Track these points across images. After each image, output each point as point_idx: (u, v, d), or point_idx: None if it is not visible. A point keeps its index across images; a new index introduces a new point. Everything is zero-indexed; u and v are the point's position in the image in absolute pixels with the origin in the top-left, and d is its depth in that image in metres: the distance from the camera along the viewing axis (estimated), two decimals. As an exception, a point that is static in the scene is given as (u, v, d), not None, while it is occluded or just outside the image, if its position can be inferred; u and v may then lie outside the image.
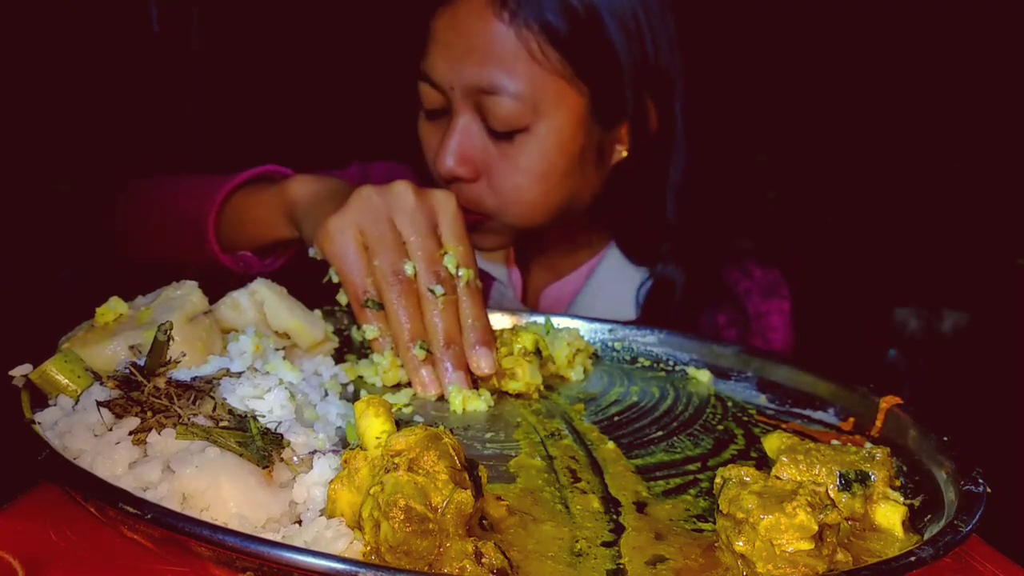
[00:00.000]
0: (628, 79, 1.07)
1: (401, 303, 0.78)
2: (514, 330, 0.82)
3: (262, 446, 0.51)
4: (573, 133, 1.05)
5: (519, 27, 1.00)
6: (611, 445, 0.67)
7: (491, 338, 0.80)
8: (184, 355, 0.61)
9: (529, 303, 1.25)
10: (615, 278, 1.22)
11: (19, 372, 0.58)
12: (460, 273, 0.80)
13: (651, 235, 1.18)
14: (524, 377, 0.78)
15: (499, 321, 0.92)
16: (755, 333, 1.20)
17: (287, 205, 0.91)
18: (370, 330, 0.79)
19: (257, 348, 0.66)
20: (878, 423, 0.71)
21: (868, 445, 0.61)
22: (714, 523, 0.53)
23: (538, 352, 0.81)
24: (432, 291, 0.78)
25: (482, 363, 0.78)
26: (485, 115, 1.03)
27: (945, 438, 0.62)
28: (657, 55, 1.08)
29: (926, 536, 0.53)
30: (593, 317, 0.95)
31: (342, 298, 0.82)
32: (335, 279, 0.80)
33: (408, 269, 0.78)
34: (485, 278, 1.21)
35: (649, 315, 1.18)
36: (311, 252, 0.82)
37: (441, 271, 0.79)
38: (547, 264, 1.25)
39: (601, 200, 1.15)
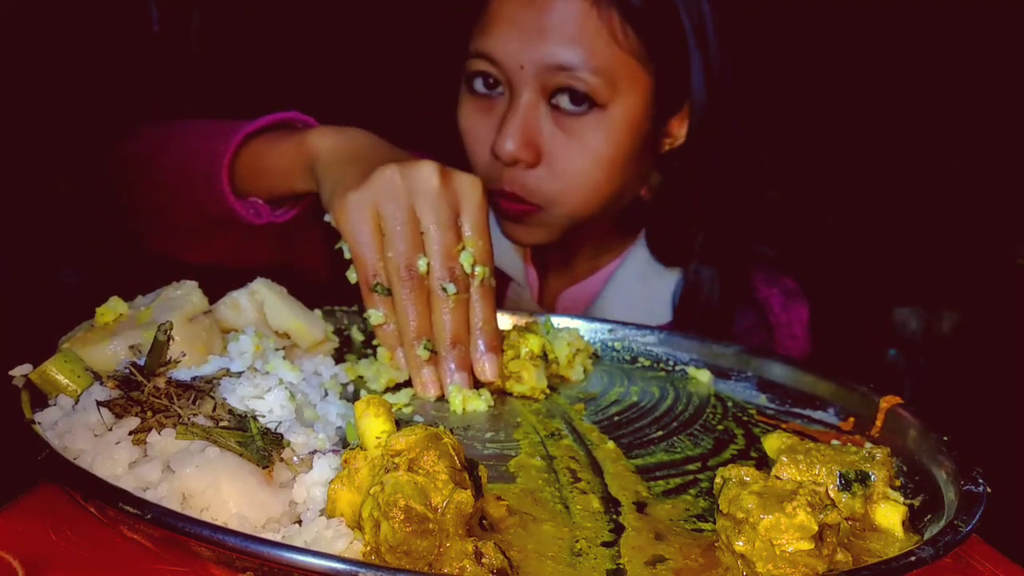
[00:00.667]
0: (694, 67, 1.07)
1: (410, 299, 0.76)
2: (520, 332, 0.82)
3: (262, 446, 0.51)
4: (641, 118, 1.04)
5: (600, 5, 1.00)
6: (611, 445, 0.67)
7: (499, 343, 0.79)
8: (184, 355, 0.61)
9: (545, 305, 1.24)
10: (635, 283, 1.20)
11: (19, 372, 0.58)
12: (476, 270, 0.78)
13: (684, 234, 1.17)
14: (530, 381, 0.78)
15: (501, 322, 0.92)
16: (777, 342, 1.20)
17: (307, 158, 0.88)
18: (375, 315, 0.78)
19: (257, 348, 0.66)
20: (878, 423, 0.71)
21: (868, 445, 0.61)
22: (714, 523, 0.53)
23: (544, 356, 0.80)
24: (444, 289, 0.76)
25: (487, 369, 0.78)
26: (557, 93, 1.01)
27: (945, 438, 0.62)
28: (717, 46, 1.08)
29: (926, 536, 0.53)
30: (595, 318, 0.95)
31: (352, 275, 0.80)
32: (347, 254, 0.79)
33: (421, 265, 0.76)
34: (501, 277, 1.19)
35: (683, 319, 1.16)
36: (326, 217, 0.81)
37: (456, 268, 0.77)
38: (567, 266, 1.23)
39: (638, 196, 1.14)
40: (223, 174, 0.93)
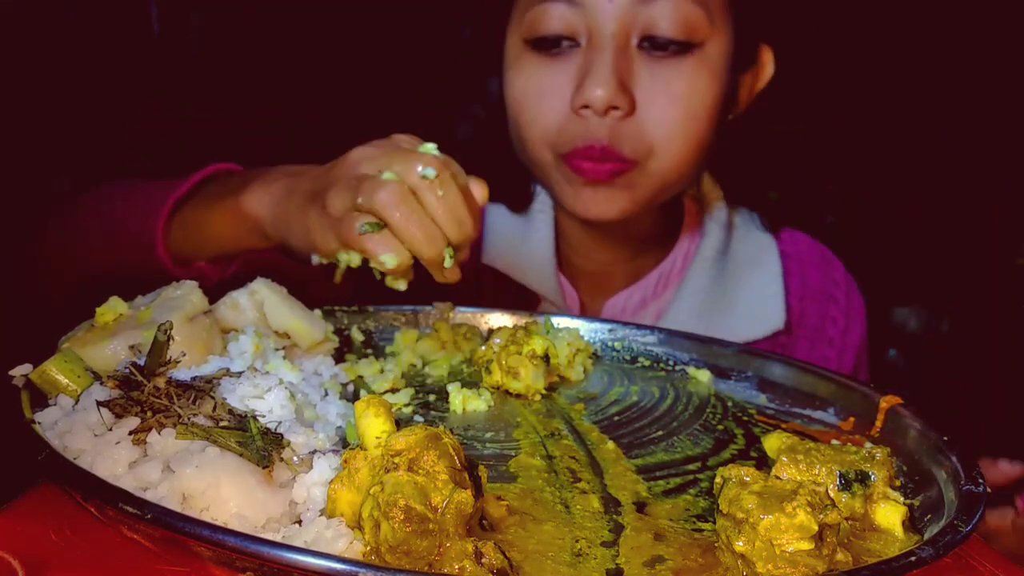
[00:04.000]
0: (770, 16, 0.99)
1: (402, 210, 0.70)
2: (527, 330, 0.81)
3: (262, 446, 0.51)
4: (726, 65, 0.95)
5: None
6: (611, 445, 0.67)
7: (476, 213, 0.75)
8: (184, 355, 0.61)
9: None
10: (713, 286, 1.10)
11: (19, 372, 0.58)
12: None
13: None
14: (526, 379, 0.77)
15: (502, 320, 0.92)
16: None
17: (251, 223, 0.83)
18: (389, 258, 0.72)
19: (257, 348, 0.66)
20: (878, 423, 0.71)
21: (868, 445, 0.61)
22: (714, 523, 0.53)
23: (547, 359, 0.80)
24: (424, 176, 0.71)
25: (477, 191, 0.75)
26: (650, 29, 0.91)
27: (945, 438, 0.62)
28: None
29: (926, 536, 0.53)
30: (595, 318, 0.95)
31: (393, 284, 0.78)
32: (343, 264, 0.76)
33: (388, 176, 0.71)
34: (530, 296, 1.11)
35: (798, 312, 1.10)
36: (314, 260, 0.79)
37: (423, 157, 0.72)
38: (604, 271, 1.13)
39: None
40: (160, 251, 0.88)
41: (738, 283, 1.13)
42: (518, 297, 1.11)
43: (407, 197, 0.71)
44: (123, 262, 0.92)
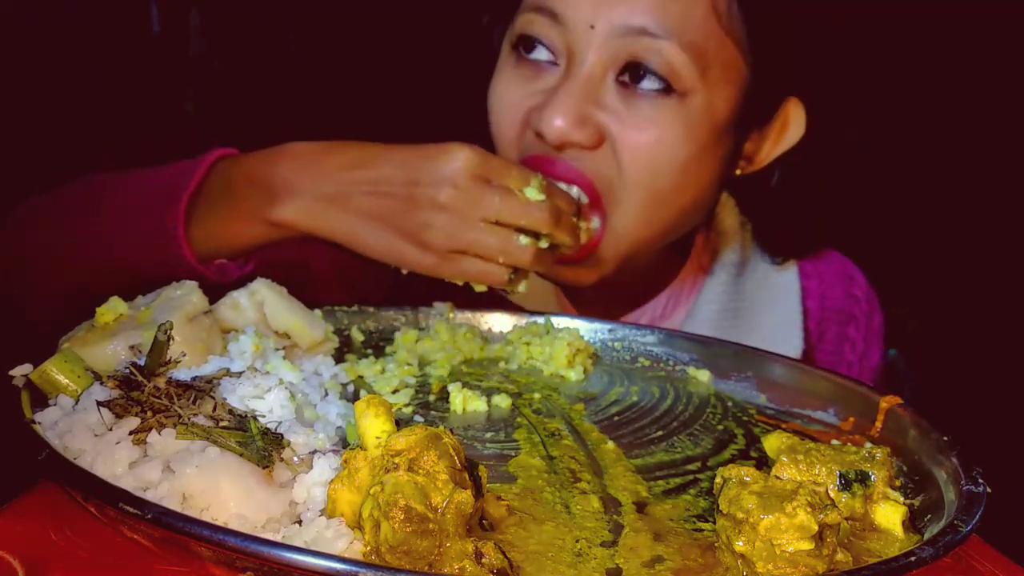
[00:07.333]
0: (795, 67, 0.90)
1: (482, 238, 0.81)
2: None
3: (262, 446, 0.51)
4: (726, 121, 0.87)
5: None
6: (611, 445, 0.67)
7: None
8: (184, 355, 0.61)
9: None
10: (727, 312, 1.06)
11: (19, 372, 0.58)
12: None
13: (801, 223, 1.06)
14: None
15: (502, 321, 0.92)
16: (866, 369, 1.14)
17: (287, 229, 0.83)
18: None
19: (257, 348, 0.66)
20: (878, 423, 0.71)
21: (868, 445, 0.61)
22: (714, 523, 0.53)
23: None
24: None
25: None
26: (629, 68, 0.83)
27: (945, 438, 0.62)
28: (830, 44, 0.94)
29: (926, 536, 0.53)
30: (595, 318, 0.95)
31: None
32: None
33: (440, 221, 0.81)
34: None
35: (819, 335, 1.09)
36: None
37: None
38: (608, 295, 1.05)
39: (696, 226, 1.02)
40: (184, 247, 0.84)
41: (753, 306, 1.08)
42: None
43: (508, 237, 0.82)
44: (124, 261, 0.87)
